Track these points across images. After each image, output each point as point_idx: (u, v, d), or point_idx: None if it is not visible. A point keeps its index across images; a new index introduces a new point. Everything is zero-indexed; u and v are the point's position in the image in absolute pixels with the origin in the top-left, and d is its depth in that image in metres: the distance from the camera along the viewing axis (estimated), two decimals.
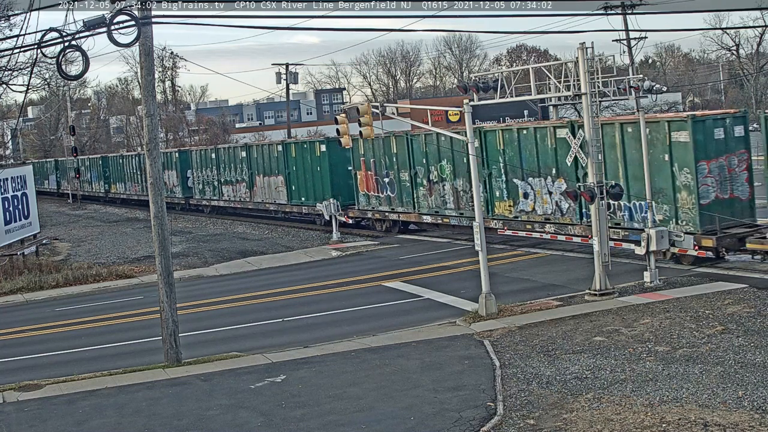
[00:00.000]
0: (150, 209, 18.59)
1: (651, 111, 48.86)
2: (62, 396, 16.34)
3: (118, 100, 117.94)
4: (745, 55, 77.49)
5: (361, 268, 28.82)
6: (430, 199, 32.66)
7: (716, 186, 23.46)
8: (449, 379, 15.39)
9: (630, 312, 19.10)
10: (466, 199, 30.57)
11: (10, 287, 30.21)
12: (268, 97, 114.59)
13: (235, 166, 45.94)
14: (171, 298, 18.31)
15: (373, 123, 22.43)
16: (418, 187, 33.26)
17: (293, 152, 40.38)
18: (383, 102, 33.64)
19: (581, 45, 21.09)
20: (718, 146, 23.43)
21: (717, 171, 23.41)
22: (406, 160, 33.60)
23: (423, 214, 33.12)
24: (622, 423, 12.50)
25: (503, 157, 28.96)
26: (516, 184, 28.82)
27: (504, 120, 59.64)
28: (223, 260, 33.45)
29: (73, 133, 68.78)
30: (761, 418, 12.15)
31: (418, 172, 33.06)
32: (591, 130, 21.15)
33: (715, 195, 23.36)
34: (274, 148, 42.04)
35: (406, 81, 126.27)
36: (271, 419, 14.01)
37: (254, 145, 46.05)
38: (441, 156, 31.77)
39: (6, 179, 34.23)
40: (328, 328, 20.76)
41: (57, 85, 63.73)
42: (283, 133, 71.11)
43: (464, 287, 23.48)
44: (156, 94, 19.09)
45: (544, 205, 27.77)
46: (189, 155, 51.54)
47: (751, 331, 16.60)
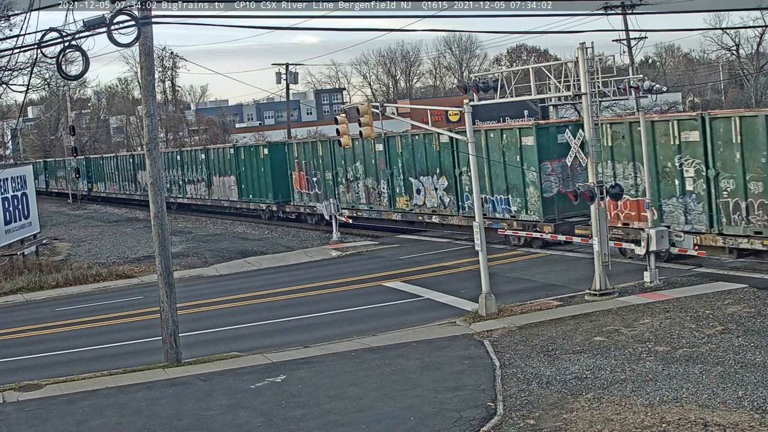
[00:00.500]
0: (150, 209, 18.60)
1: (651, 111, 48.81)
2: (62, 396, 16.34)
3: (118, 100, 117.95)
4: (745, 55, 77.42)
5: (361, 268, 28.83)
6: (348, 195, 37.60)
7: (559, 182, 27.82)
8: (449, 379, 15.39)
9: (630, 312, 19.10)
10: (375, 195, 35.84)
11: (10, 287, 30.21)
12: (268, 97, 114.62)
13: (197, 167, 50.60)
14: (171, 298, 18.31)
15: (373, 123, 22.43)
16: (339, 185, 38.12)
17: (242, 155, 45.29)
18: (383, 102, 33.79)
19: (581, 45, 21.09)
20: (560, 149, 27.07)
21: (560, 170, 27.58)
22: (329, 162, 38.44)
23: (343, 209, 37.23)
24: (622, 423, 12.50)
25: (401, 159, 33.93)
26: (411, 182, 33.64)
27: (504, 120, 59.62)
28: (223, 260, 33.46)
29: (73, 133, 68.95)
30: (761, 418, 12.15)
31: (339, 172, 38.02)
32: (591, 130, 21.14)
33: (558, 189, 27.74)
34: (228, 151, 47.05)
35: (406, 81, 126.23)
36: (271, 419, 14.01)
37: (211, 148, 50.45)
38: (356, 158, 36.62)
39: (6, 179, 34.24)
40: (328, 328, 20.77)
41: (57, 85, 63.74)
42: (283, 133, 71.11)
43: (464, 287, 23.48)
44: (156, 94, 19.10)
45: (432, 200, 32.80)
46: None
47: (751, 331, 16.60)
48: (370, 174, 35.98)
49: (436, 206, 32.46)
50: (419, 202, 33.46)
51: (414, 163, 33.32)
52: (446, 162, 31.64)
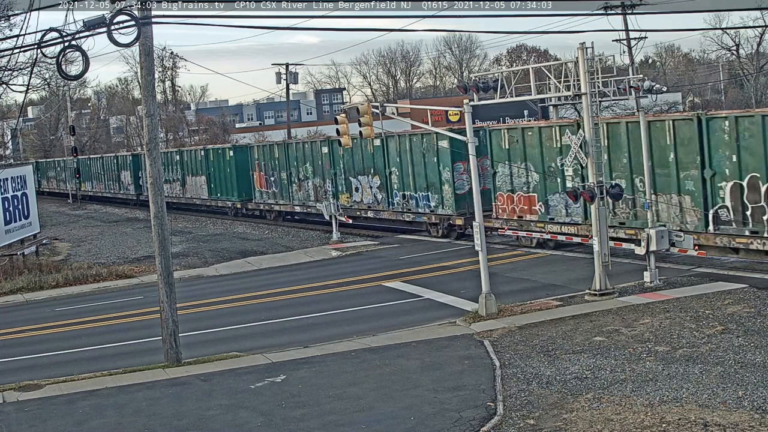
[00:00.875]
0: (150, 209, 18.60)
1: (651, 111, 48.83)
2: (62, 396, 16.34)
3: (118, 100, 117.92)
4: (745, 55, 77.38)
5: (361, 268, 28.83)
6: (300, 193, 41.34)
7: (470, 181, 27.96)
8: (449, 379, 15.39)
9: (630, 312, 19.10)
10: (322, 193, 39.31)
11: (10, 287, 30.21)
12: (268, 97, 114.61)
13: (173, 167, 53.99)
14: (171, 298, 18.31)
15: (373, 123, 22.44)
16: (292, 184, 41.81)
17: (212, 157, 48.88)
18: (383, 102, 33.99)
19: (581, 45, 21.09)
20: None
21: None
22: (284, 163, 42.17)
23: (296, 205, 41.56)
24: (622, 423, 12.50)
25: (342, 161, 37.67)
26: (351, 180, 37.51)
27: (504, 120, 59.62)
28: (223, 260, 33.46)
29: (73, 133, 69.13)
30: (761, 418, 12.15)
31: (292, 173, 41.69)
32: (591, 130, 21.14)
33: (469, 187, 29.14)
34: (199, 153, 50.82)
35: (406, 81, 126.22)
36: (271, 419, 14.01)
37: (185, 150, 55.01)
38: (305, 160, 40.53)
39: (6, 179, 34.23)
40: (328, 328, 20.77)
41: (57, 85, 63.83)
42: (283, 133, 71.12)
43: (464, 287, 23.48)
44: (156, 94, 19.09)
45: (368, 197, 36.66)
46: (140, 158, 58.88)
47: (751, 331, 16.60)
48: (317, 174, 39.79)
49: (371, 202, 36.45)
50: (357, 199, 37.27)
51: (353, 164, 37.10)
52: (379, 163, 35.48)
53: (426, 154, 32.60)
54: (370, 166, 36.13)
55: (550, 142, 27.30)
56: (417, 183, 33.42)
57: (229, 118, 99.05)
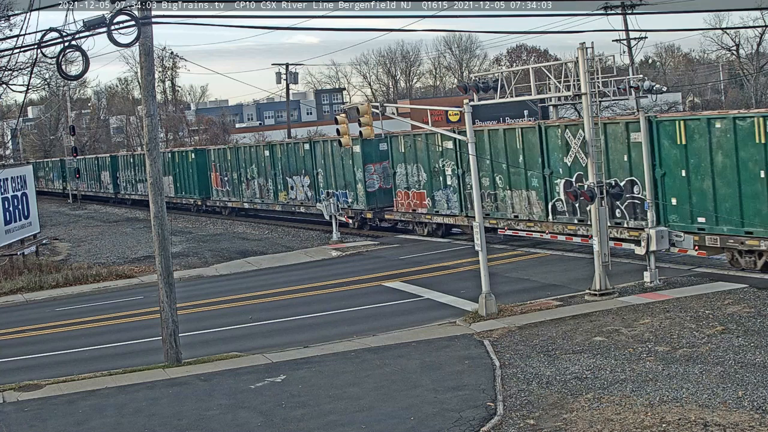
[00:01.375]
0: (150, 209, 18.60)
1: (651, 111, 48.84)
2: (62, 396, 16.34)
3: (118, 100, 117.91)
4: (745, 55, 77.32)
5: (361, 268, 28.82)
6: (248, 191, 45.85)
7: (380, 180, 36.33)
8: (449, 379, 15.39)
9: (630, 312, 19.10)
10: (265, 191, 43.97)
11: (10, 287, 30.20)
12: (268, 97, 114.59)
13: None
14: (171, 298, 18.30)
15: (373, 123, 22.43)
16: (242, 183, 46.30)
17: (177, 159, 53.35)
18: (383, 102, 33.93)
19: (581, 45, 21.07)
20: (381, 155, 36.00)
21: (381, 170, 36.26)
22: (235, 165, 46.74)
23: (244, 202, 46.49)
24: (622, 423, 12.50)
25: (280, 162, 42.26)
26: (287, 180, 42.11)
27: (504, 120, 59.57)
28: (223, 260, 33.45)
29: (73, 133, 69.18)
30: (761, 418, 12.16)
31: (241, 173, 46.20)
32: (591, 131, 21.14)
33: (379, 185, 36.25)
34: (167, 155, 54.53)
35: (406, 81, 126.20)
36: (271, 419, 14.01)
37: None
38: (251, 161, 44.96)
39: (6, 179, 34.23)
40: (328, 328, 20.76)
41: (57, 85, 63.88)
42: (283, 133, 71.15)
43: (464, 287, 23.48)
44: (156, 94, 19.09)
45: (300, 195, 41.21)
46: (117, 159, 65.67)
47: (751, 331, 16.60)
48: (261, 174, 44.32)
49: (303, 200, 41.01)
50: (293, 197, 41.87)
51: (289, 165, 41.80)
52: (308, 165, 40.26)
53: (344, 157, 37.23)
54: (302, 168, 40.85)
55: (434, 146, 32.13)
56: (337, 182, 38.17)
57: (229, 118, 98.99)
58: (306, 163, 40.33)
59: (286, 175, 42.06)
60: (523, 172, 28.04)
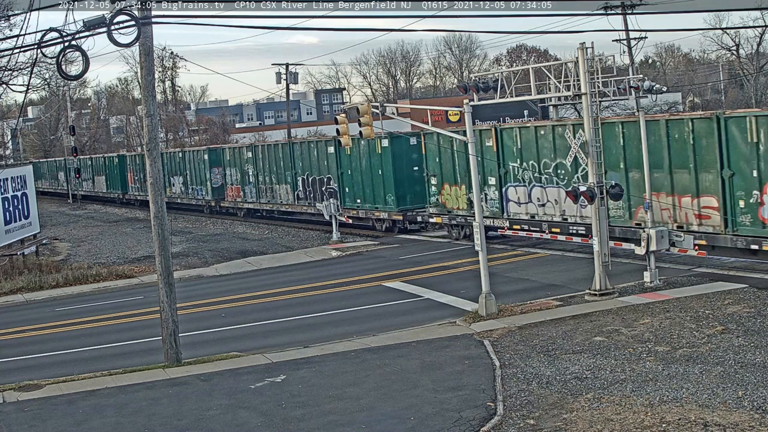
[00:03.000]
0: (150, 209, 18.59)
1: (651, 111, 48.85)
2: (62, 396, 16.34)
3: (118, 100, 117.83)
4: (745, 55, 77.26)
5: (361, 268, 28.82)
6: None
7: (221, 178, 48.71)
8: (449, 379, 15.39)
9: (630, 312, 19.10)
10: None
11: (10, 287, 30.20)
12: (268, 97, 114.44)
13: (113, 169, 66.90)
14: (171, 298, 18.30)
15: (373, 123, 22.43)
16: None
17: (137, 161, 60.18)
18: (383, 102, 33.90)
19: (581, 45, 21.07)
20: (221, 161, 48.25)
21: (223, 171, 48.08)
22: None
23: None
24: (622, 423, 12.50)
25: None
26: (170, 179, 52.10)
27: (504, 120, 59.53)
28: (223, 260, 33.45)
29: (73, 133, 69.14)
30: (761, 418, 12.16)
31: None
32: (591, 130, 21.14)
33: (220, 183, 48.67)
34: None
35: (406, 81, 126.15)
36: (271, 419, 14.01)
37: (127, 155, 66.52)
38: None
39: (6, 179, 34.22)
40: (328, 328, 20.76)
41: (57, 85, 63.82)
42: (283, 133, 71.09)
43: (464, 287, 23.48)
44: (156, 94, 19.08)
45: (178, 189, 51.29)
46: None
47: (751, 331, 16.60)
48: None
49: (180, 193, 51.75)
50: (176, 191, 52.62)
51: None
52: (182, 167, 51.01)
53: (197, 161, 50.35)
54: (177, 170, 52.93)
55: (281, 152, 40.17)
56: (197, 180, 50.99)
57: (229, 118, 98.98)
58: (180, 165, 50.37)
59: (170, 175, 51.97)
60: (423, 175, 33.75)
